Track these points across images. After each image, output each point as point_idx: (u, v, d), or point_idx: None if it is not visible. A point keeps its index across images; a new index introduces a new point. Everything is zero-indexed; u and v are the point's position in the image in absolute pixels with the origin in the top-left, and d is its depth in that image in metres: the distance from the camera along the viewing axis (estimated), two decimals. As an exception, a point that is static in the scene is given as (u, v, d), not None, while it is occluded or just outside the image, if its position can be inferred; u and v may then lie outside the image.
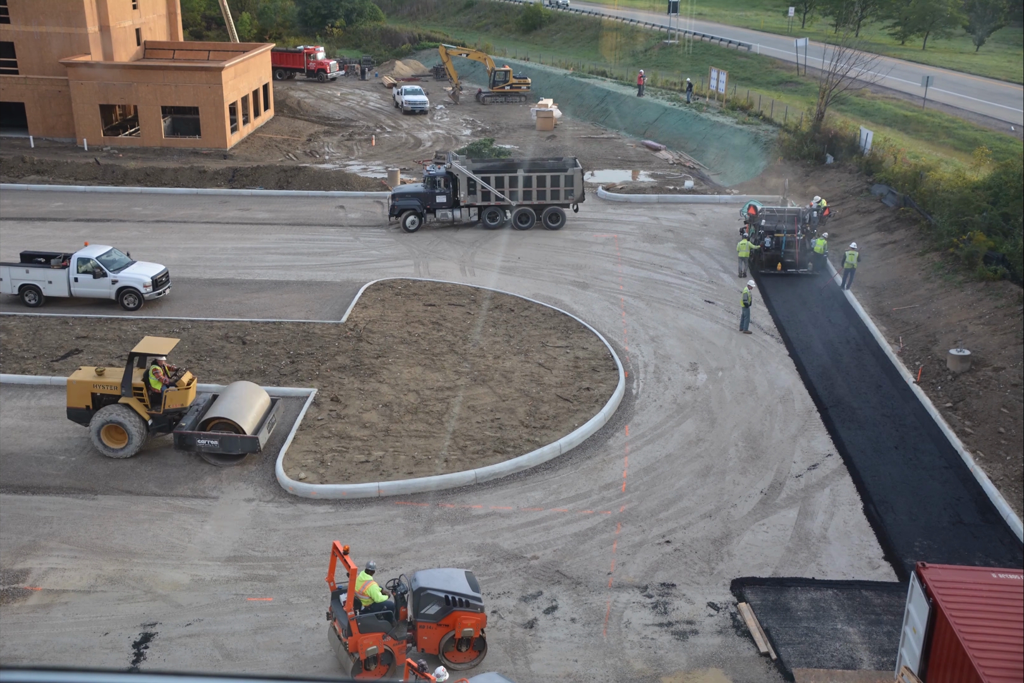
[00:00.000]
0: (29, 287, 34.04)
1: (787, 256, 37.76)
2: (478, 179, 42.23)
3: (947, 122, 55.29)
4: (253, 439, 24.29)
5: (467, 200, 42.68)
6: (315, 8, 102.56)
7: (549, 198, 43.06)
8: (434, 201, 42.88)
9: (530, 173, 42.65)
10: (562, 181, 42.82)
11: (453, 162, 42.80)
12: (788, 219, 38.21)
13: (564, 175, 42.78)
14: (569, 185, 42.89)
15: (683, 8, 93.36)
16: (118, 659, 18.06)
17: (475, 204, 42.88)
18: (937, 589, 15.61)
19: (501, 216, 43.27)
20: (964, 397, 27.54)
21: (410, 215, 42.76)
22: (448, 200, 42.90)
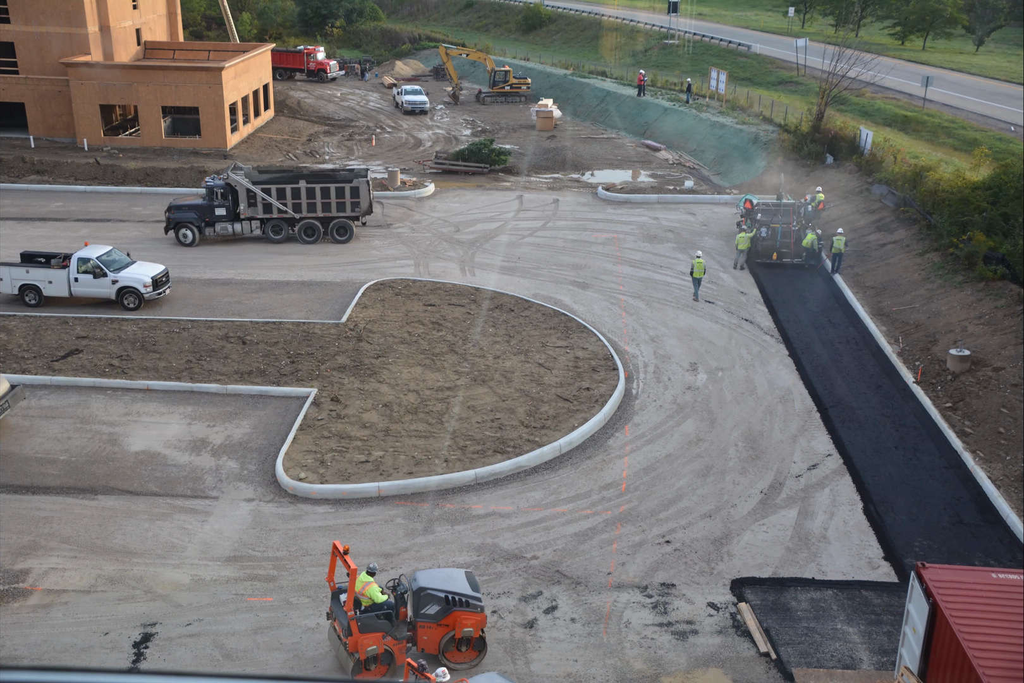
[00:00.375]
0: (29, 287, 34.05)
1: (783, 246, 38.71)
2: (258, 191, 40.29)
3: (947, 122, 55.30)
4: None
5: (248, 213, 40.75)
6: (315, 8, 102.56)
7: (335, 210, 41.21)
8: (213, 214, 40.83)
9: (313, 185, 40.65)
10: (347, 193, 40.95)
11: (231, 173, 40.71)
12: (784, 211, 39.51)
13: (349, 187, 40.87)
14: (355, 197, 41.02)
15: (683, 8, 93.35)
16: (118, 659, 18.06)
17: (257, 217, 40.94)
18: (937, 589, 15.61)
19: (286, 229, 41.33)
20: (964, 397, 27.55)
21: (183, 228, 40.81)
22: (228, 213, 40.88)
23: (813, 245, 38.89)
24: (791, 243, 38.62)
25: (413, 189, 49.28)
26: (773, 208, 40.09)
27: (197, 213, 41.00)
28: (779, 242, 38.66)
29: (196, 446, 25.62)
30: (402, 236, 42.81)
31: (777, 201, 42.29)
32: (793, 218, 39.17)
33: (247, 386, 28.47)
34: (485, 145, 54.48)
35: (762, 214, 39.50)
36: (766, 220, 39.17)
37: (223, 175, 41.29)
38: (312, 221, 41.33)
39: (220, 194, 40.81)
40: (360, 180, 41.17)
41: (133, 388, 28.49)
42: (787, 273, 38.77)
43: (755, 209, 39.95)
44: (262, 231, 41.57)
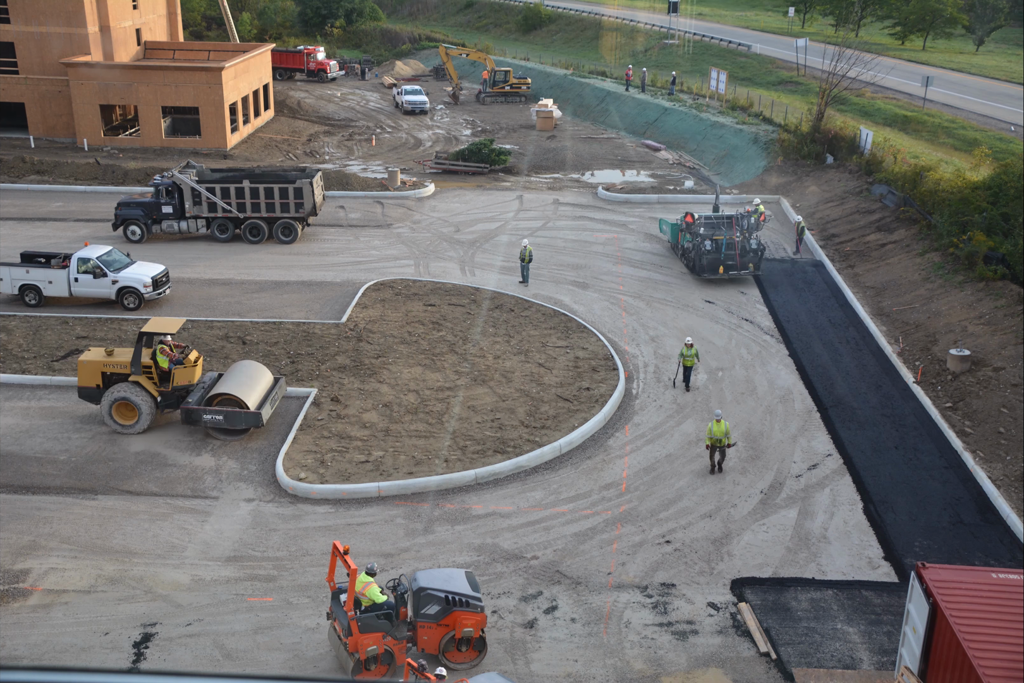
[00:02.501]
0: (29, 287, 34.05)
1: (728, 259, 36.88)
2: (202, 190, 40.22)
3: (947, 122, 55.31)
4: (256, 414, 25.22)
5: (193, 211, 40.73)
6: (315, 8, 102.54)
7: (279, 211, 40.88)
8: (160, 211, 40.92)
9: (256, 185, 40.38)
10: (291, 194, 40.56)
11: (175, 172, 40.66)
12: (726, 223, 37.76)
13: (292, 188, 40.44)
14: (299, 198, 40.61)
15: (683, 8, 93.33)
16: (118, 659, 18.06)
17: (202, 216, 40.92)
18: (937, 589, 15.61)
19: (232, 229, 41.34)
20: (964, 397, 27.54)
21: (131, 225, 41.07)
22: (175, 211, 40.92)
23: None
24: (736, 255, 36.80)
25: (413, 189, 49.28)
26: (715, 221, 38.15)
27: (144, 210, 41.21)
28: (724, 255, 36.76)
29: (196, 446, 25.63)
30: (402, 236, 42.81)
31: (717, 213, 39.89)
32: (736, 230, 37.42)
33: (247, 386, 28.43)
34: (485, 145, 54.47)
35: (704, 227, 37.68)
36: (708, 233, 37.26)
37: (169, 173, 41.28)
38: (257, 221, 41.19)
39: (166, 192, 40.90)
40: (304, 181, 40.60)
41: (133, 388, 28.45)
42: (787, 273, 38.75)
43: (696, 223, 38.09)
44: (208, 230, 41.56)
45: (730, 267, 36.98)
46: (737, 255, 36.86)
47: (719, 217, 38.39)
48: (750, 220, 38.07)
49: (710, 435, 24.24)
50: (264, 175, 42.30)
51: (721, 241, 36.70)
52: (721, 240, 36.70)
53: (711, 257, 36.80)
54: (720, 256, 36.77)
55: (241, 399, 25.20)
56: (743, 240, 37.03)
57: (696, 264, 37.20)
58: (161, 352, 26.05)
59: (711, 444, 24.31)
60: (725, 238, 36.75)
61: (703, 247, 36.75)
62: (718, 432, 24.16)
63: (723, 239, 36.68)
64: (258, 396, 25.79)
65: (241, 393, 25.37)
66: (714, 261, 36.87)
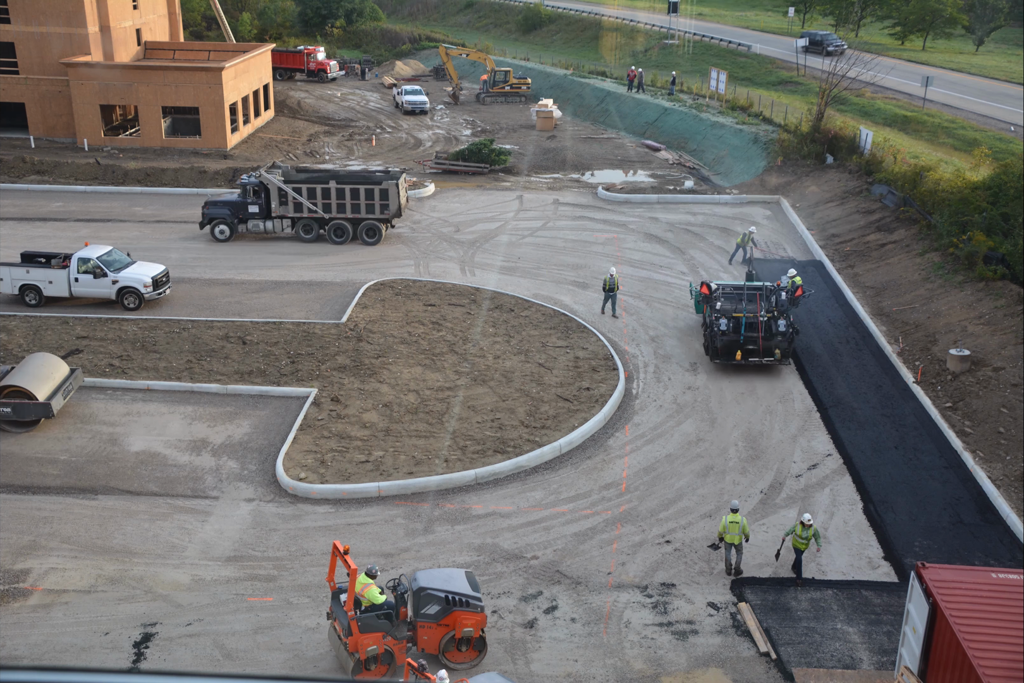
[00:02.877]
0: (29, 287, 34.05)
1: (748, 342, 30.16)
2: (288, 190, 40.42)
3: (947, 122, 55.30)
4: (45, 405, 25.48)
5: (279, 211, 40.91)
6: (315, 8, 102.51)
7: (364, 212, 40.93)
8: (247, 211, 41.26)
9: (343, 185, 40.44)
10: (376, 195, 40.59)
11: (264, 172, 41.01)
12: (750, 298, 31.15)
13: (378, 189, 40.44)
14: (384, 199, 40.60)
15: (683, 8, 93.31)
16: (118, 659, 18.07)
17: (288, 216, 41.09)
18: (937, 589, 15.62)
19: (316, 229, 41.47)
20: (964, 397, 27.55)
21: (219, 224, 41.44)
22: (261, 210, 41.25)
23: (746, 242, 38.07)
24: (759, 338, 30.13)
25: (413, 189, 49.27)
26: (736, 293, 31.43)
27: (231, 209, 41.51)
28: (743, 337, 30.13)
29: (196, 446, 25.63)
30: (402, 236, 42.80)
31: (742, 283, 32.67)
32: (762, 305, 30.82)
33: (247, 386, 28.47)
34: (485, 145, 54.47)
35: (723, 301, 31.01)
36: (727, 309, 30.66)
37: (257, 173, 41.52)
38: (342, 222, 41.18)
39: (253, 191, 41.18)
40: (390, 182, 40.62)
41: (133, 388, 28.50)
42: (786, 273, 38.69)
43: (714, 295, 31.45)
44: (293, 230, 41.72)
45: (750, 353, 30.25)
46: (760, 338, 30.17)
47: (743, 289, 31.65)
48: (781, 296, 31.14)
49: (723, 531, 20.63)
50: (350, 176, 42.34)
51: (741, 320, 30.31)
52: (741, 319, 30.31)
53: (728, 339, 30.18)
54: (739, 338, 30.21)
55: (29, 391, 25.36)
56: (770, 320, 30.51)
57: (710, 345, 30.75)
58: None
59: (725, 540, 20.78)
60: (746, 316, 30.31)
61: (718, 326, 30.31)
62: (733, 529, 20.48)
63: (743, 317, 30.29)
64: (50, 387, 25.93)
65: (30, 384, 25.52)
66: (731, 344, 30.20)
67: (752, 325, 30.34)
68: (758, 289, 31.58)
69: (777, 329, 30.37)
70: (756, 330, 30.30)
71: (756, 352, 30.28)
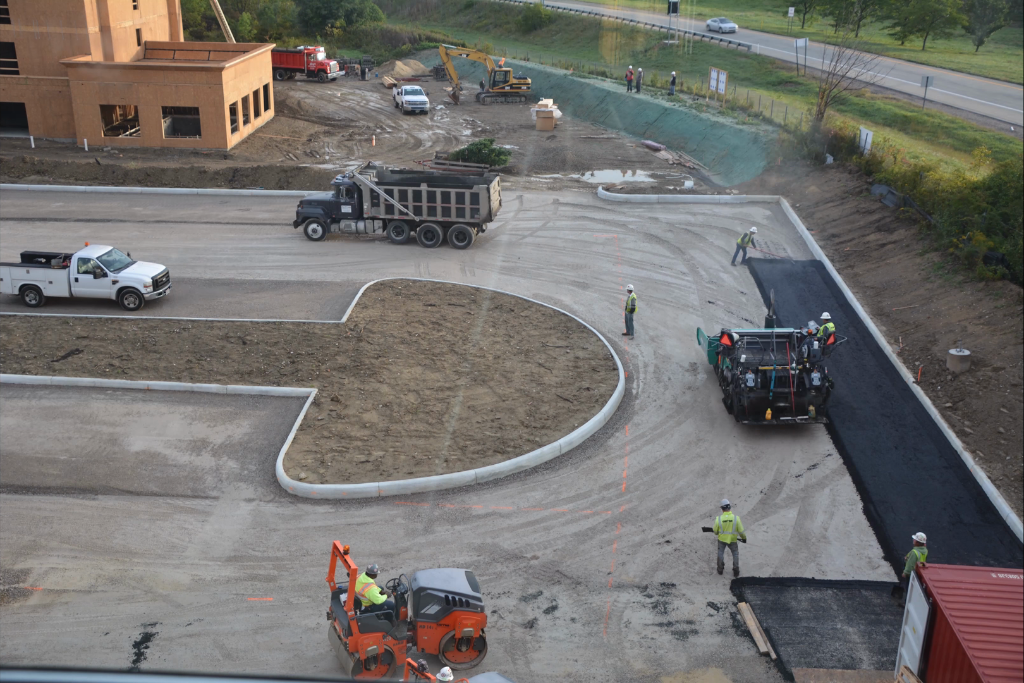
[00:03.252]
0: (30, 287, 34.06)
1: (778, 399, 26.85)
2: (380, 191, 40.20)
3: (947, 122, 55.31)
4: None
5: (371, 212, 40.84)
6: (315, 8, 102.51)
7: (454, 216, 40.24)
8: (339, 211, 41.30)
9: (434, 188, 39.98)
10: (467, 198, 39.89)
11: (356, 173, 41.01)
12: (778, 347, 27.73)
13: (469, 192, 39.72)
14: (475, 203, 39.88)
15: (683, 8, 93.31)
16: (118, 659, 18.07)
17: (379, 217, 40.97)
18: (937, 589, 15.62)
19: (407, 231, 41.13)
20: (964, 397, 27.55)
21: (312, 223, 41.58)
22: (354, 211, 41.21)
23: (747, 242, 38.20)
24: (790, 394, 26.82)
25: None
26: (762, 343, 28.00)
27: (324, 209, 41.57)
28: (773, 394, 26.73)
29: (196, 446, 25.63)
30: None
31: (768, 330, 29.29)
32: (792, 356, 27.39)
33: (247, 386, 28.48)
34: (485, 145, 54.47)
35: (747, 352, 27.51)
36: (752, 361, 27.22)
37: (350, 173, 41.49)
38: (432, 224, 40.62)
39: (346, 192, 41.13)
40: (481, 186, 39.91)
41: (133, 388, 28.50)
42: (787, 273, 38.74)
43: (737, 346, 27.86)
44: (384, 231, 41.57)
45: (781, 411, 26.86)
46: (792, 394, 26.86)
47: (768, 337, 28.19)
48: (813, 345, 27.57)
49: (718, 530, 20.72)
50: (443, 178, 41.99)
51: (770, 373, 26.98)
52: (770, 372, 26.99)
53: (755, 396, 26.81)
54: (768, 395, 26.88)
55: None
56: (802, 372, 27.14)
57: (735, 404, 27.25)
58: None
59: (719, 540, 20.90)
60: (775, 369, 26.97)
61: (744, 382, 26.78)
62: (727, 527, 20.56)
63: (772, 371, 26.96)
64: None
65: None
66: (759, 402, 26.90)
67: (782, 379, 26.93)
68: (786, 337, 28.16)
69: (811, 383, 26.83)
70: (787, 385, 26.89)
71: (788, 410, 26.82)
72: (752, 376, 26.72)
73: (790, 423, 26.70)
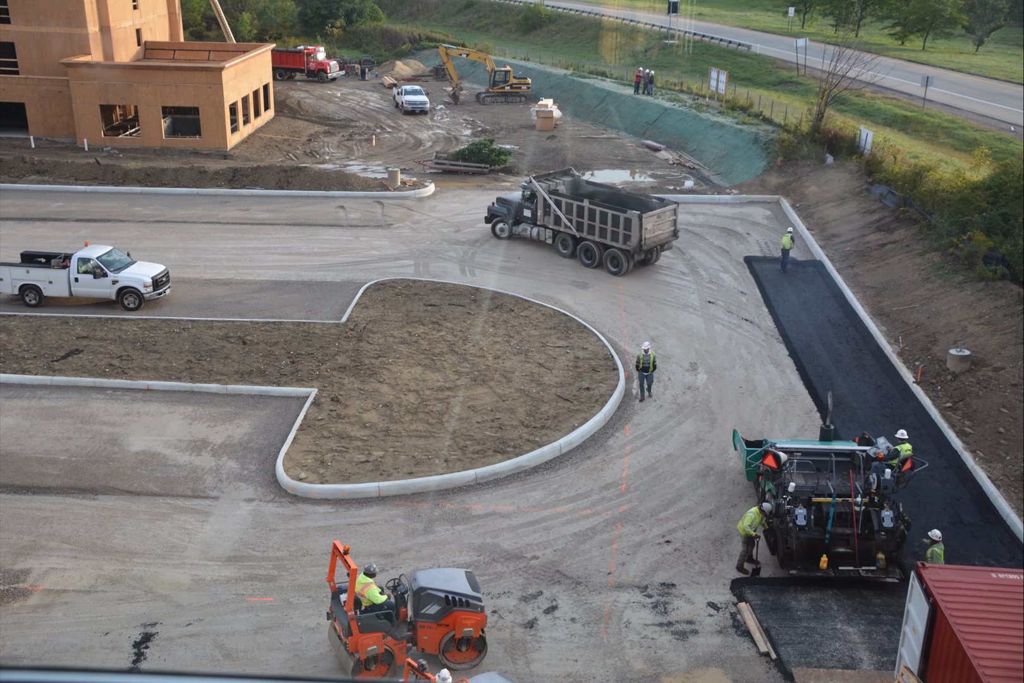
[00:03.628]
0: (29, 287, 34.05)
1: (836, 542, 20.59)
2: (550, 200, 39.14)
3: (947, 122, 55.31)
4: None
5: (543, 220, 39.92)
6: (315, 8, 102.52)
7: (609, 238, 37.51)
8: (522, 213, 40.85)
9: (593, 206, 37.70)
10: (621, 223, 36.87)
11: (532, 178, 40.23)
12: (838, 471, 21.54)
13: (623, 217, 36.72)
14: (627, 229, 36.71)
15: (683, 8, 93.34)
16: (118, 659, 18.07)
17: (548, 226, 39.94)
18: (937, 589, 15.62)
19: (572, 246, 39.29)
20: (964, 397, 27.55)
21: (499, 222, 41.59)
22: (532, 216, 40.45)
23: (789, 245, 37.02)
24: (854, 537, 20.48)
25: (413, 189, 49.28)
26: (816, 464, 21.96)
27: (509, 210, 41.37)
28: (830, 535, 20.53)
29: (196, 446, 25.63)
30: (402, 236, 42.80)
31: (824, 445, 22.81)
32: (855, 484, 20.97)
33: (247, 386, 28.48)
34: (485, 145, 54.47)
35: (797, 476, 21.57)
36: (805, 489, 21.04)
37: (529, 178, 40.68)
38: (590, 244, 38.38)
39: (529, 196, 40.52)
40: (634, 213, 36.42)
41: (133, 388, 28.50)
42: (787, 273, 38.70)
43: (785, 468, 21.78)
44: (552, 242, 40.37)
45: (840, 558, 20.68)
46: (855, 537, 20.54)
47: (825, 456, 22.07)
48: (885, 474, 21.02)
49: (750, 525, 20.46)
50: (610, 197, 39.80)
51: (828, 509, 20.63)
52: (828, 507, 20.65)
53: (808, 538, 20.56)
54: (823, 537, 20.57)
55: None
56: (868, 508, 20.71)
57: (780, 547, 20.99)
58: None
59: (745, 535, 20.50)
60: (834, 504, 20.63)
61: (794, 519, 20.49)
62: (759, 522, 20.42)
63: (830, 506, 20.63)
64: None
65: None
66: (812, 545, 20.64)
67: (843, 516, 20.65)
68: (847, 456, 22.05)
69: (880, 524, 20.51)
70: (849, 524, 20.63)
71: (850, 557, 20.64)
72: (803, 512, 20.42)
73: (852, 575, 20.51)
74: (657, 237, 37.57)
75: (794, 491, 20.82)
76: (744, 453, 23.58)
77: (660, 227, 37.48)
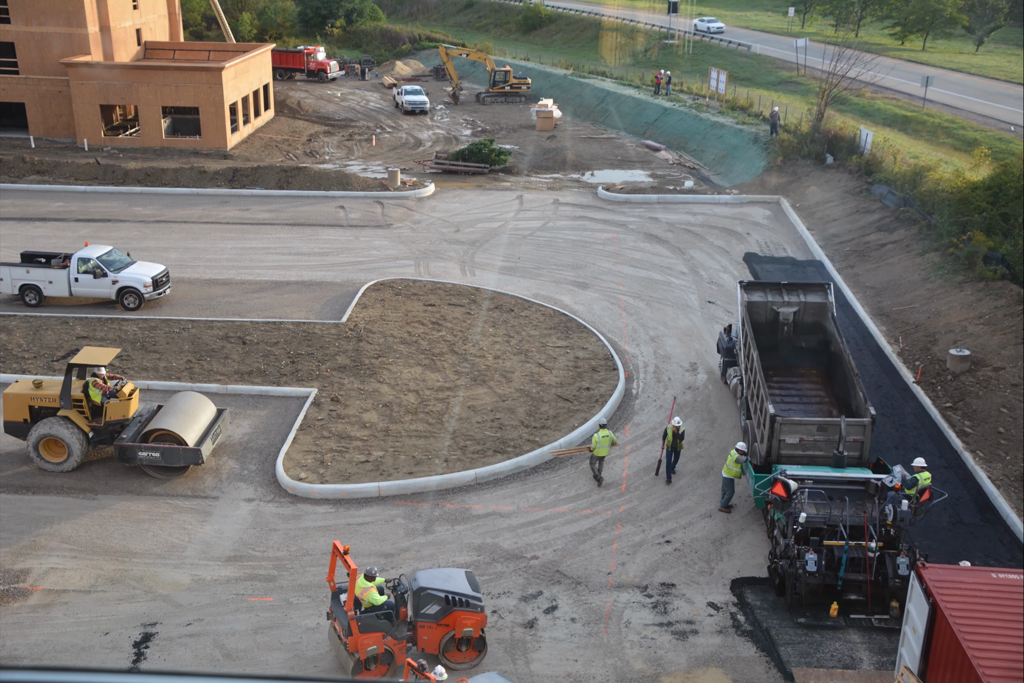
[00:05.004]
0: (29, 287, 34.05)
1: (849, 588, 19.52)
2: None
3: (947, 122, 55.30)
4: (195, 451, 23.49)
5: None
6: (315, 8, 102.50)
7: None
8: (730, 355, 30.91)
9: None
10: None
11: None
12: (852, 505, 20.06)
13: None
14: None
15: (683, 8, 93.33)
16: (118, 659, 18.07)
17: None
18: (937, 589, 15.62)
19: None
20: (964, 397, 27.54)
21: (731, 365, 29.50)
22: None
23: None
24: (866, 583, 19.35)
25: (413, 189, 49.28)
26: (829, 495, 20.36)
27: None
28: (841, 581, 19.37)
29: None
30: (402, 236, 42.80)
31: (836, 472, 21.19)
32: (869, 526, 19.60)
33: (247, 386, 28.48)
34: (485, 145, 54.46)
35: (808, 508, 19.95)
36: (816, 519, 19.64)
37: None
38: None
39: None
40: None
41: (133, 388, 28.46)
42: (787, 273, 38.70)
43: (794, 498, 20.21)
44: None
45: (852, 606, 19.60)
46: (868, 583, 19.34)
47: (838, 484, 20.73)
48: (902, 505, 19.73)
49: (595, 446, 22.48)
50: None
51: (841, 553, 19.36)
52: (841, 550, 19.37)
53: (817, 583, 19.37)
54: (835, 581, 19.39)
55: (179, 435, 23.49)
56: (883, 553, 19.49)
57: (788, 590, 19.68)
58: (94, 385, 24.22)
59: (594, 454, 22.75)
60: (847, 548, 19.32)
61: (804, 564, 19.17)
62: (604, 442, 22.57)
63: (844, 550, 19.33)
64: (198, 431, 24.11)
65: (179, 428, 23.62)
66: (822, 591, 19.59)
67: (857, 561, 19.32)
68: (860, 485, 20.64)
69: (895, 570, 19.16)
70: (862, 569, 19.27)
71: (862, 604, 19.49)
72: (814, 557, 19.05)
73: (864, 623, 19.28)
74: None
75: (805, 519, 19.41)
76: (752, 480, 22.23)
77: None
